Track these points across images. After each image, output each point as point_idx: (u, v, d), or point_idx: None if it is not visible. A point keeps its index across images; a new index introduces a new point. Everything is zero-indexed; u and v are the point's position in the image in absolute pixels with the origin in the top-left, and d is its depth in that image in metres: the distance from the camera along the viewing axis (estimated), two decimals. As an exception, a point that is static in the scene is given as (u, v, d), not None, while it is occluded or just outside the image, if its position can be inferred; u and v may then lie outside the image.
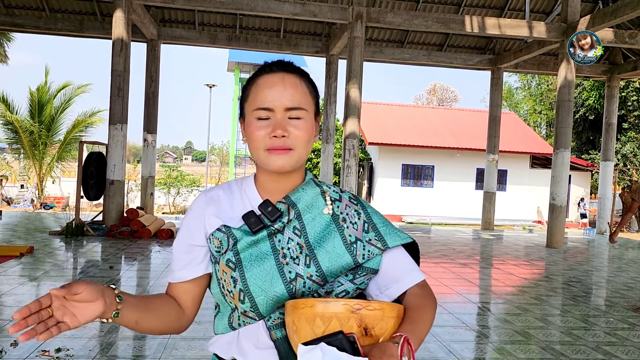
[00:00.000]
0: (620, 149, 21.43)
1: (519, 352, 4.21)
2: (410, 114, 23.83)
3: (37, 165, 19.85)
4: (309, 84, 1.23)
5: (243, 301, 1.16)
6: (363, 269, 1.21)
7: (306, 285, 1.16)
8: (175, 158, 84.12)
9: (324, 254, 1.18)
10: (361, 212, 1.27)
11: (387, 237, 1.24)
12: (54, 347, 3.77)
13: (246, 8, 11.11)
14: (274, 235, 1.19)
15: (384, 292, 1.22)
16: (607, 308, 6.04)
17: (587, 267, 9.15)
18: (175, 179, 23.91)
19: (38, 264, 6.94)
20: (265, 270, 1.16)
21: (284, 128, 1.15)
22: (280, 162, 1.16)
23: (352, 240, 1.21)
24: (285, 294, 1.15)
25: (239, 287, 1.16)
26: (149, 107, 13.79)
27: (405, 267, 1.24)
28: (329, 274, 1.17)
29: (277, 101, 1.16)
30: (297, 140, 1.17)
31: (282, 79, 1.18)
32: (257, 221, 1.19)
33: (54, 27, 13.48)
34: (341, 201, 1.27)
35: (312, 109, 1.21)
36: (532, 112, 33.25)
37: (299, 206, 1.22)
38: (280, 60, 1.23)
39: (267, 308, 1.16)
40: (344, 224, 1.23)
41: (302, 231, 1.20)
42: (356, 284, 1.20)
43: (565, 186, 11.78)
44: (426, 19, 11.66)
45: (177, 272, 1.23)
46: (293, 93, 1.17)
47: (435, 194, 21.50)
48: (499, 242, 12.61)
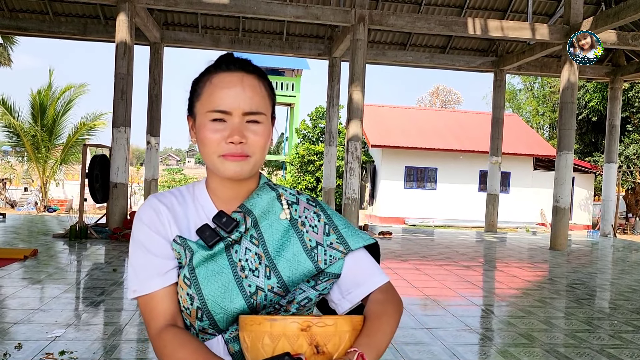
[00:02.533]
0: (624, 151, 21.37)
1: (522, 355, 4.20)
2: (413, 117, 23.82)
3: (40, 168, 19.92)
4: (267, 86, 1.15)
5: (201, 319, 1.09)
6: (325, 274, 1.15)
7: (267, 297, 1.10)
8: (179, 161, 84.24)
9: (284, 263, 1.12)
10: (321, 214, 1.20)
11: (350, 239, 1.17)
12: (57, 350, 3.78)
13: (249, 11, 11.13)
14: (230, 247, 1.12)
15: (346, 297, 1.17)
16: (612, 310, 6.02)
17: (591, 269, 9.12)
18: (179, 182, 23.96)
19: (42, 267, 6.96)
20: (223, 285, 1.08)
21: (241, 134, 1.07)
22: (237, 168, 1.09)
23: (313, 245, 1.15)
24: (246, 309, 1.09)
25: (197, 305, 1.07)
26: (152, 110, 13.83)
27: (367, 271, 1.17)
28: (291, 284, 1.12)
29: (235, 104, 1.08)
30: (254, 147, 1.09)
31: (241, 79, 1.09)
32: (212, 234, 1.10)
33: (58, 30, 13.54)
34: (299, 204, 1.20)
35: (269, 112, 1.14)
36: (534, 114, 33.20)
37: (254, 213, 1.15)
38: (238, 58, 1.14)
39: (227, 324, 1.10)
40: (304, 228, 1.17)
41: (260, 240, 1.13)
42: (318, 290, 1.15)
43: (568, 188, 11.76)
44: (429, 22, 11.66)
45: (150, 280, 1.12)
46: (252, 96, 1.09)
47: (438, 196, 21.47)
48: (503, 244, 12.58)
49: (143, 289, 1.09)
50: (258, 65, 1.17)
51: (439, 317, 5.26)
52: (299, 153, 23.56)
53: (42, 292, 5.63)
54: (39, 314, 4.70)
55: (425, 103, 45.13)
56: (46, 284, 6.01)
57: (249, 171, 1.11)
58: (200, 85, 1.12)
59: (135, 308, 5.13)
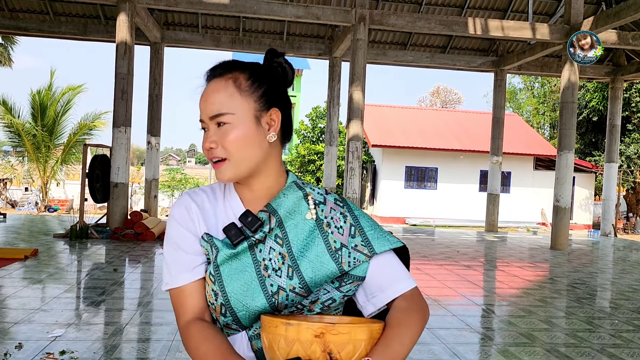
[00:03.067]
0: (625, 151, 21.36)
1: (523, 355, 4.20)
2: (413, 116, 23.82)
3: (41, 168, 19.93)
4: (243, 81, 1.13)
5: (225, 315, 1.12)
6: (349, 276, 1.15)
7: (289, 297, 1.11)
8: (179, 161, 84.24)
9: (307, 264, 1.12)
10: (347, 215, 1.19)
11: (375, 242, 1.16)
12: (58, 350, 3.78)
13: (249, 11, 11.13)
14: (255, 246, 1.14)
15: (370, 300, 1.16)
16: (612, 310, 6.02)
17: (592, 269, 9.12)
18: (179, 182, 23.96)
19: (42, 267, 6.96)
20: (246, 284, 1.10)
21: (208, 140, 1.11)
22: (219, 175, 1.12)
23: (337, 246, 1.15)
24: (268, 308, 1.10)
25: (220, 301, 1.11)
26: (153, 110, 13.83)
27: (392, 275, 1.16)
28: (313, 285, 1.12)
29: (203, 112, 1.13)
30: (227, 148, 1.10)
31: (206, 88, 1.14)
32: (237, 233, 1.12)
33: (58, 30, 13.54)
34: (326, 204, 1.19)
35: (245, 107, 1.11)
36: (535, 114, 33.19)
37: (280, 213, 1.15)
38: (210, 68, 1.17)
39: (250, 321, 1.12)
40: (329, 229, 1.16)
41: (284, 239, 1.14)
42: (342, 291, 1.15)
43: (569, 188, 11.75)
44: (429, 21, 11.66)
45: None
46: (213, 100, 1.11)
47: (439, 196, 21.45)
48: (503, 244, 12.58)
49: (174, 283, 1.14)
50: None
51: (440, 316, 5.26)
52: (299, 153, 23.57)
53: (43, 292, 5.63)
54: (39, 314, 4.70)
55: (425, 103, 45.14)
56: (47, 284, 6.01)
57: (234, 173, 1.12)
58: None
59: (135, 308, 5.13)
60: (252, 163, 1.13)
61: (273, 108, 1.15)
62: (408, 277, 1.17)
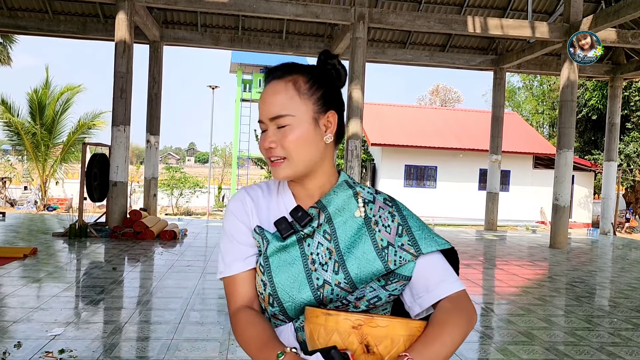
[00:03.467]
0: (624, 149, 21.37)
1: (522, 353, 4.20)
2: (413, 115, 23.82)
3: (40, 167, 19.92)
4: (303, 84, 1.17)
5: (272, 305, 1.16)
6: (395, 275, 1.16)
7: (334, 292, 1.14)
8: (178, 159, 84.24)
9: (354, 260, 1.15)
10: (396, 215, 1.21)
11: (422, 243, 1.17)
12: (57, 349, 3.78)
13: (248, 9, 11.11)
14: (303, 240, 1.18)
15: (417, 300, 1.17)
16: (611, 308, 6.02)
17: (591, 267, 9.12)
18: (179, 181, 23.94)
19: (41, 266, 6.96)
20: (293, 276, 1.15)
21: (268, 140, 1.16)
22: (277, 173, 1.17)
23: (384, 245, 1.17)
24: (313, 301, 1.14)
25: (268, 291, 1.16)
26: (152, 108, 13.82)
27: (438, 277, 1.16)
28: (358, 281, 1.14)
29: (262, 114, 1.17)
30: (286, 148, 1.15)
31: (267, 89, 1.18)
32: (287, 227, 1.17)
33: (57, 29, 13.52)
34: (375, 203, 1.23)
35: (304, 109, 1.15)
36: (534, 113, 33.19)
37: (329, 209, 1.20)
38: (269, 69, 1.21)
39: (296, 312, 1.16)
40: (376, 227, 1.19)
41: (333, 235, 1.18)
42: (388, 290, 1.17)
43: (568, 187, 11.75)
44: (428, 20, 11.65)
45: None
46: (272, 102, 1.15)
47: (438, 194, 21.47)
48: (502, 242, 12.59)
49: (227, 271, 1.20)
50: (266, 63, 1.20)
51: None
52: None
53: (42, 291, 5.63)
54: (38, 313, 4.70)
55: (425, 102, 45.13)
56: (46, 283, 6.01)
57: (292, 172, 1.17)
58: None
59: (134, 307, 5.13)
60: (309, 163, 1.18)
61: (330, 110, 1.20)
62: (455, 279, 1.18)
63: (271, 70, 1.20)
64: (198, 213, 23.22)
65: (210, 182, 26.11)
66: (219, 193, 28.60)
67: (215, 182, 32.57)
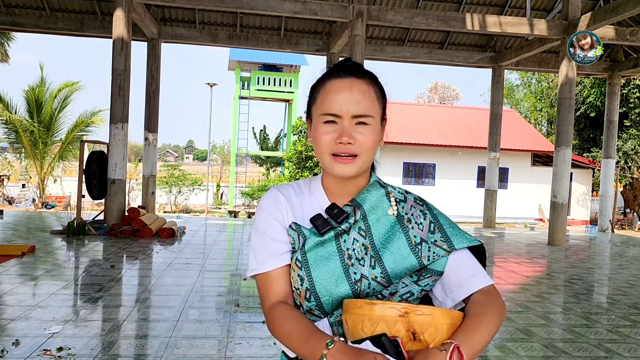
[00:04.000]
0: (622, 147, 21.39)
1: (520, 350, 4.21)
2: (411, 112, 23.82)
3: (38, 165, 19.88)
4: (377, 89, 1.22)
5: (309, 299, 1.17)
6: (428, 270, 1.20)
7: (371, 286, 1.17)
8: (177, 157, 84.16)
9: (389, 255, 1.19)
10: (427, 213, 1.26)
11: (454, 239, 1.22)
12: (55, 346, 3.78)
13: (246, 6, 11.09)
14: (340, 236, 1.21)
15: (449, 295, 1.20)
16: (609, 305, 6.04)
17: (589, 264, 9.14)
18: (177, 178, 23.92)
19: (39, 264, 6.95)
20: (330, 270, 1.17)
21: (350, 135, 1.17)
22: (345, 170, 1.18)
23: (417, 241, 1.21)
24: (350, 295, 1.16)
25: (306, 286, 1.17)
26: (150, 106, 13.79)
27: (469, 271, 1.20)
28: (394, 276, 1.17)
29: (344, 108, 1.17)
30: (362, 147, 1.18)
31: (349, 85, 1.18)
32: (324, 223, 1.20)
33: (55, 26, 13.48)
34: (406, 202, 1.27)
35: (378, 114, 1.22)
36: (532, 110, 33.21)
37: (364, 207, 1.23)
38: (350, 64, 1.23)
39: (332, 307, 1.17)
40: (409, 224, 1.23)
41: (367, 232, 1.21)
42: (421, 285, 1.20)
43: (566, 184, 11.76)
44: (427, 17, 11.64)
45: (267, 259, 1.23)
46: (360, 100, 1.17)
47: (437, 192, 21.48)
48: (501, 240, 12.60)
49: (260, 268, 1.21)
50: (264, 61, 1.21)
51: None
52: (296, 149, 23.55)
53: (40, 289, 5.62)
54: (36, 311, 4.69)
55: (424, 99, 45.13)
56: (44, 281, 6.00)
57: (356, 171, 1.20)
58: (316, 91, 1.23)
59: (133, 304, 5.13)
60: (369, 163, 1.23)
61: (385, 120, 1.27)
62: (485, 274, 1.22)
63: (353, 67, 1.22)
64: (197, 211, 23.21)
65: (209, 179, 26.11)
66: (217, 191, 28.60)
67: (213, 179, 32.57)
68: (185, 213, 21.64)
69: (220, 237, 10.72)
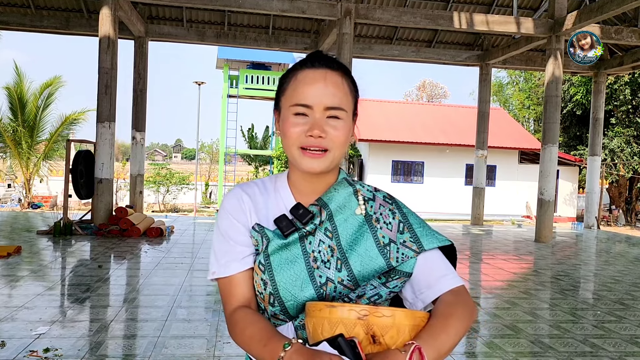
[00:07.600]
0: (608, 144, 21.60)
1: (508, 346, 4.24)
2: (400, 111, 23.88)
3: (23, 165, 19.65)
4: (350, 83, 1.17)
5: (273, 304, 1.13)
6: (396, 272, 1.15)
7: (337, 289, 1.12)
8: (165, 156, 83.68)
9: (356, 257, 1.14)
10: (396, 212, 1.21)
11: (423, 239, 1.17)
12: (42, 347, 3.74)
13: (234, 5, 11.05)
14: (305, 238, 1.16)
15: (419, 296, 1.16)
16: (595, 301, 6.11)
17: (575, 261, 9.23)
18: (165, 177, 23.78)
19: (25, 264, 6.88)
20: (295, 274, 1.13)
21: (321, 128, 1.11)
22: (314, 164, 1.13)
23: (386, 242, 1.16)
24: (315, 299, 1.12)
25: (269, 291, 1.13)
26: (138, 105, 13.70)
27: (439, 272, 1.16)
28: (361, 278, 1.13)
29: (317, 99, 1.11)
30: (334, 141, 1.12)
31: (324, 76, 1.13)
32: (288, 224, 1.15)
33: (40, 24, 13.33)
34: (375, 200, 1.22)
35: (350, 109, 1.16)
36: (521, 108, 33.44)
37: (330, 207, 1.18)
38: (324, 55, 1.17)
39: (297, 311, 1.13)
40: (378, 224, 1.18)
41: (334, 233, 1.16)
42: (389, 287, 1.16)
43: (553, 181, 11.88)
44: (415, 15, 11.67)
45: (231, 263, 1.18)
46: (334, 92, 1.12)
47: (425, 190, 21.57)
48: (489, 237, 12.69)
49: (222, 272, 1.17)
50: (252, 59, 1.18)
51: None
52: (286, 148, 23.49)
53: (26, 290, 5.56)
54: (22, 312, 4.65)
55: (412, 97, 45.26)
56: (30, 281, 5.94)
57: (325, 166, 1.14)
58: (286, 81, 1.17)
59: (121, 305, 5.09)
60: (340, 159, 1.17)
61: (356, 116, 1.21)
62: (455, 275, 1.18)
63: (328, 59, 1.16)
64: (185, 210, 23.10)
65: (197, 178, 25.98)
66: (206, 189, 28.47)
67: (202, 178, 32.42)
68: (173, 212, 21.52)
69: (209, 236, 10.67)
